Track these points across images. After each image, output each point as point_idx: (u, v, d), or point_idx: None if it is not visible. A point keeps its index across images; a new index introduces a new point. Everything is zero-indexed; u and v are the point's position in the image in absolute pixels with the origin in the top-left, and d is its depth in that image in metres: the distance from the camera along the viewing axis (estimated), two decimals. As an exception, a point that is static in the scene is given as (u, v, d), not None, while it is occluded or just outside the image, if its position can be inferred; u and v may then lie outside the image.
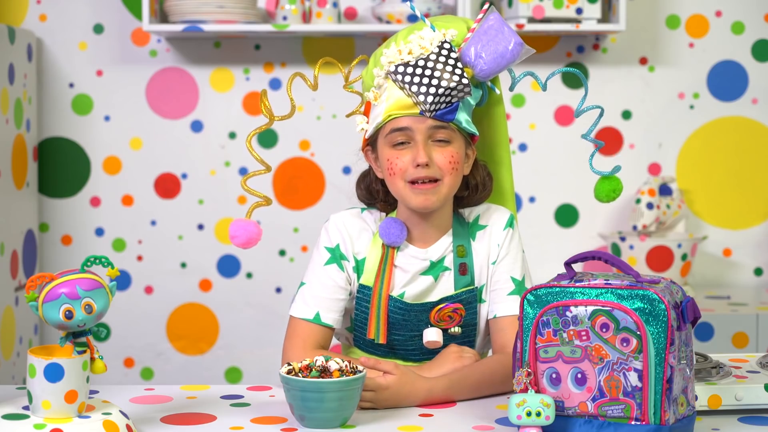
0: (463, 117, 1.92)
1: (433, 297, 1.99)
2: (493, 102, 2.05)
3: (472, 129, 1.95)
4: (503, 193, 2.11)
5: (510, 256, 2.02)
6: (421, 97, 1.87)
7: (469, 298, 1.99)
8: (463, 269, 1.98)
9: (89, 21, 3.58)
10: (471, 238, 2.01)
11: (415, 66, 1.87)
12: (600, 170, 1.83)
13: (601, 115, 1.86)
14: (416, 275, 1.99)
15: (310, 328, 1.99)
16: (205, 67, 3.59)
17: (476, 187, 2.02)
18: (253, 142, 3.58)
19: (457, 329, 1.98)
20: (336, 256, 2.01)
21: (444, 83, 1.86)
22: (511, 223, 2.03)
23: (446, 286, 1.99)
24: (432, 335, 1.96)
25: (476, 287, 1.99)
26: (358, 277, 2.01)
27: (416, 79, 1.87)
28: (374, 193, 2.04)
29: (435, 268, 1.99)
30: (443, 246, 2.00)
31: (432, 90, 1.86)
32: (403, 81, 1.88)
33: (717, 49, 3.59)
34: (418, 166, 1.90)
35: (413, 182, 1.92)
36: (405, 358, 2.00)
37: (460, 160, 1.94)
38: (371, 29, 3.37)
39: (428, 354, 1.99)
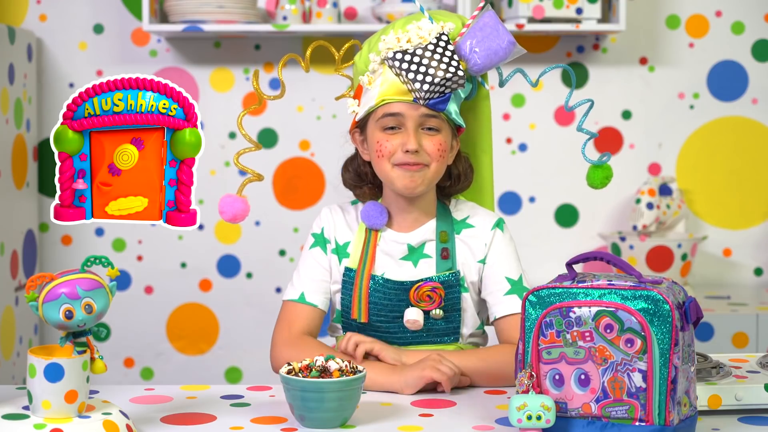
0: (453, 108, 1.97)
1: (413, 278, 2.02)
2: (480, 97, 2.09)
3: (460, 121, 2.00)
4: (482, 186, 2.16)
5: (502, 257, 2.05)
6: (417, 85, 1.91)
7: (450, 281, 2.01)
8: (445, 254, 2.02)
9: (89, 21, 3.58)
10: (456, 231, 2.05)
11: (413, 54, 1.91)
12: (591, 159, 1.86)
13: (591, 107, 1.89)
14: (396, 259, 2.04)
15: (297, 309, 2.06)
16: (205, 67, 3.59)
17: (458, 177, 2.07)
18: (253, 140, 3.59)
19: (438, 311, 2.00)
20: (319, 240, 2.09)
21: (440, 73, 1.90)
22: (499, 224, 2.07)
23: (428, 272, 2.03)
24: (412, 314, 1.99)
25: (458, 271, 2.02)
26: (339, 260, 2.06)
27: (413, 67, 1.91)
28: (362, 175, 2.09)
29: (414, 254, 2.04)
30: (425, 231, 2.04)
31: (428, 79, 1.90)
32: (400, 68, 1.92)
33: (717, 49, 3.59)
34: (407, 151, 1.95)
35: (399, 165, 1.97)
36: (389, 342, 2.02)
37: (447, 149, 1.99)
38: (371, 29, 3.37)
39: (412, 337, 2.02)
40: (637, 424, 1.58)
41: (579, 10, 3.36)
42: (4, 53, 3.23)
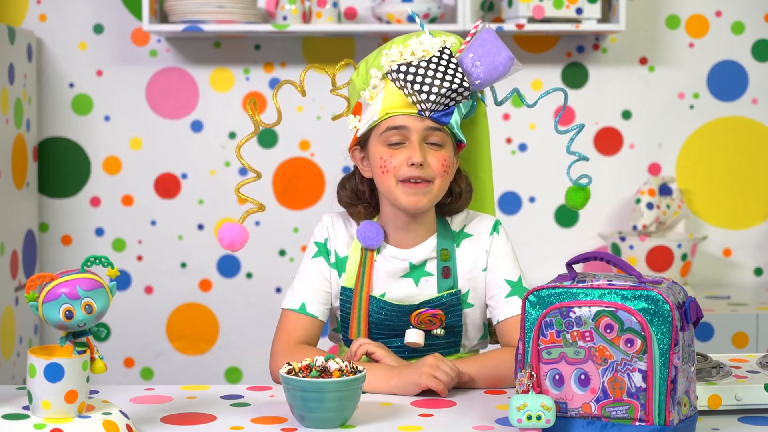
0: (455, 122, 1.96)
1: (415, 300, 2.02)
2: (479, 115, 2.09)
3: (461, 136, 2.00)
4: (483, 203, 2.15)
5: (500, 260, 2.05)
6: (423, 96, 1.89)
7: (452, 301, 2.01)
8: (446, 272, 2.01)
9: (89, 21, 3.58)
10: (455, 244, 2.04)
11: (417, 66, 1.90)
12: (574, 179, 1.91)
13: (580, 130, 1.92)
14: (397, 277, 2.02)
15: (296, 320, 2.04)
16: (205, 67, 3.59)
17: (459, 194, 2.05)
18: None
19: (440, 331, 2.00)
20: (322, 250, 2.06)
21: (446, 84, 1.89)
22: (496, 228, 2.06)
23: (429, 291, 2.02)
24: (413, 337, 1.99)
25: (459, 290, 2.01)
26: (339, 274, 2.05)
27: (418, 79, 1.90)
28: (360, 194, 2.06)
29: (415, 272, 2.02)
30: (426, 249, 2.03)
31: (434, 90, 1.89)
32: (405, 80, 1.90)
33: (717, 49, 3.59)
34: (412, 165, 1.93)
35: (405, 181, 1.95)
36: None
37: (451, 164, 1.98)
38: (371, 29, 3.37)
39: (412, 353, 2.02)
40: (637, 424, 1.58)
41: (579, 10, 3.36)
42: (4, 53, 3.23)
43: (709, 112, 3.61)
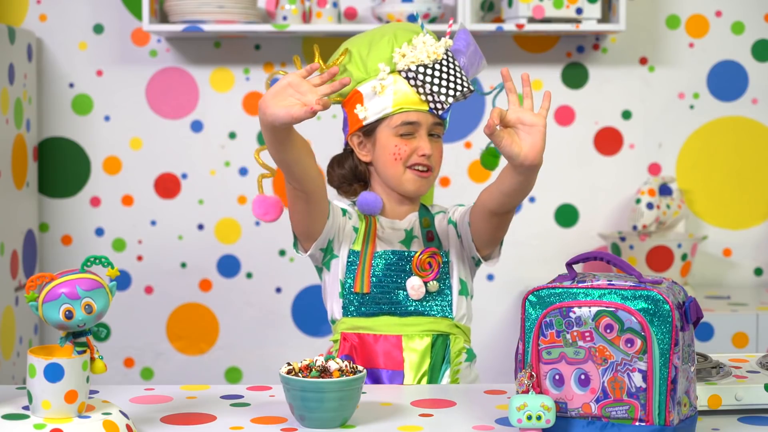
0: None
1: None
2: None
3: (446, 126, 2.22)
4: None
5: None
6: (442, 98, 2.11)
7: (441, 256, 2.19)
8: (430, 236, 2.20)
9: (89, 21, 3.58)
10: (432, 217, 2.25)
11: (433, 69, 2.11)
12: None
13: (501, 89, 2.12)
14: (396, 243, 2.20)
15: None
16: (205, 67, 3.59)
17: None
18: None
19: (435, 283, 2.15)
20: (341, 212, 2.22)
21: (458, 86, 2.11)
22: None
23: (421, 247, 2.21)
24: (414, 281, 2.14)
25: (446, 251, 2.19)
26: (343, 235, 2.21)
27: (436, 81, 2.10)
28: (359, 174, 2.23)
29: (407, 238, 2.21)
30: (413, 219, 2.23)
31: (451, 92, 2.11)
32: (423, 81, 2.10)
33: (717, 49, 3.59)
34: (422, 155, 2.15)
35: (412, 168, 2.16)
36: (392, 313, 2.15)
37: (443, 153, 2.21)
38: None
39: (415, 308, 2.15)
40: (637, 424, 1.58)
41: (579, 10, 3.36)
42: (4, 53, 3.23)
43: (709, 112, 3.61)
